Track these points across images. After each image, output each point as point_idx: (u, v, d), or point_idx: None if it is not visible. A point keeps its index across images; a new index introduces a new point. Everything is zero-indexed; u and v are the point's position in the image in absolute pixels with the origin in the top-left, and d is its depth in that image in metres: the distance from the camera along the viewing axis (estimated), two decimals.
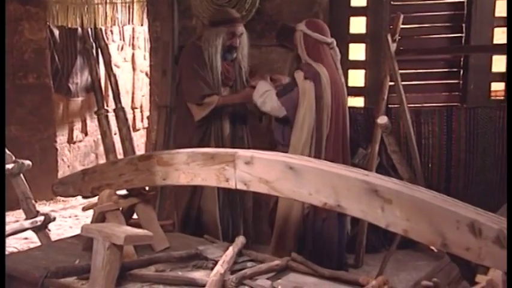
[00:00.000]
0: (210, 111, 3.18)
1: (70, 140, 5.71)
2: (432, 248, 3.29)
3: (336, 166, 1.97)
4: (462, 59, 3.91)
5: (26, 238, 3.86)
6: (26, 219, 3.23)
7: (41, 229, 3.27)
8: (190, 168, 2.20)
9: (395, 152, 1.98)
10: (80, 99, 5.80)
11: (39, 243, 3.18)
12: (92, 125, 5.99)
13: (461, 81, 3.92)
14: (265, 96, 3.01)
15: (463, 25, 3.85)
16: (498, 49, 3.96)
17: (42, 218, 3.25)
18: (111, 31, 6.20)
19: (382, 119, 1.91)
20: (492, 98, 3.94)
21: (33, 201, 3.30)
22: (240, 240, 2.26)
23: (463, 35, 3.85)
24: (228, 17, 3.28)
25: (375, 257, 3.64)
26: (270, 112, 3.04)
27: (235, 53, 3.29)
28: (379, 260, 3.42)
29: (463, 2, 3.83)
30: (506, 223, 1.59)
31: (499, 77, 3.92)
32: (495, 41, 3.89)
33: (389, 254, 3.38)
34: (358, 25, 4.01)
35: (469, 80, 3.85)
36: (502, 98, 3.96)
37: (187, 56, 3.33)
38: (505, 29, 3.86)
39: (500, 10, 3.85)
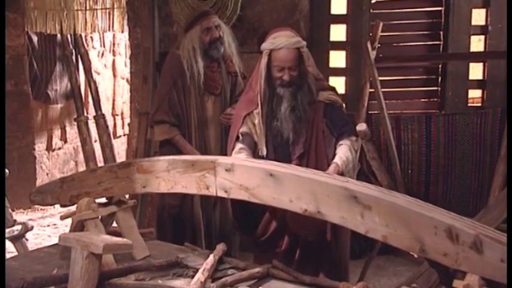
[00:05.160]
0: (165, 139, 3.09)
1: (49, 148, 5.64)
2: (412, 253, 3.31)
3: (316, 172, 1.98)
4: (440, 67, 3.97)
5: None
6: None
7: (18, 238, 3.21)
8: (171, 175, 2.19)
9: (374, 158, 2.00)
10: (59, 106, 5.73)
11: (16, 253, 3.12)
12: (72, 132, 5.92)
13: (439, 88, 3.98)
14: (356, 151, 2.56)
15: (441, 33, 3.91)
16: (475, 57, 4.05)
17: (19, 227, 3.20)
18: (92, 37, 6.16)
19: (361, 126, 1.93)
20: (469, 104, 4.01)
21: (10, 210, 3.24)
22: (221, 247, 2.25)
23: (441, 42, 3.91)
24: (197, 13, 3.16)
25: (356, 263, 3.65)
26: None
27: (221, 47, 3.05)
28: (360, 266, 3.44)
29: (441, 10, 3.90)
30: (483, 229, 1.62)
31: (476, 84, 4.00)
32: (472, 49, 3.96)
33: (370, 260, 3.40)
34: (338, 32, 4.05)
35: (447, 87, 3.92)
36: (479, 104, 4.03)
37: (164, 68, 3.20)
38: (481, 37, 3.94)
39: (477, 19, 3.93)
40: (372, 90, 3.65)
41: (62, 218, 2.47)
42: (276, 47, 2.45)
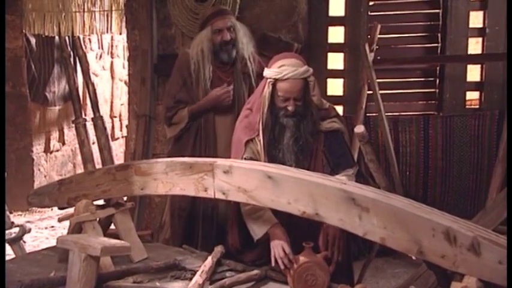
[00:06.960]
0: (183, 127, 2.91)
1: (47, 150, 5.63)
2: (410, 255, 3.31)
3: (314, 175, 1.98)
4: (438, 69, 3.98)
5: None
6: None
7: (15, 241, 3.20)
8: (169, 177, 2.19)
9: (372, 160, 2.00)
10: (57, 108, 5.72)
11: (13, 256, 3.11)
12: (70, 134, 5.92)
13: (437, 90, 3.99)
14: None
15: (439, 35, 3.92)
16: (473, 59, 4.06)
17: (17, 229, 3.19)
18: (90, 39, 6.15)
19: (359, 128, 1.92)
20: (467, 106, 4.02)
21: (8, 212, 3.23)
22: (219, 249, 2.25)
23: (439, 45, 3.92)
24: (210, 12, 2.98)
25: (354, 264, 3.65)
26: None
27: (233, 50, 2.85)
28: (358, 268, 3.43)
29: (439, 13, 3.91)
30: (481, 231, 1.62)
31: (473, 86, 4.00)
32: (470, 51, 3.97)
33: (368, 262, 3.40)
34: (336, 35, 4.05)
35: (445, 89, 3.92)
36: (477, 106, 4.04)
37: (174, 68, 3.04)
38: (478, 39, 3.95)
39: (474, 21, 3.94)
40: (370, 92, 3.66)
41: (60, 220, 2.47)
42: (282, 77, 2.26)
